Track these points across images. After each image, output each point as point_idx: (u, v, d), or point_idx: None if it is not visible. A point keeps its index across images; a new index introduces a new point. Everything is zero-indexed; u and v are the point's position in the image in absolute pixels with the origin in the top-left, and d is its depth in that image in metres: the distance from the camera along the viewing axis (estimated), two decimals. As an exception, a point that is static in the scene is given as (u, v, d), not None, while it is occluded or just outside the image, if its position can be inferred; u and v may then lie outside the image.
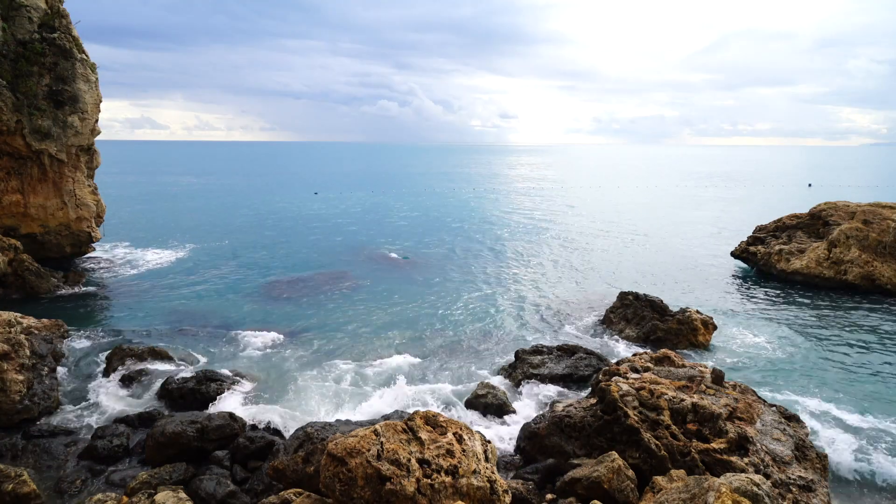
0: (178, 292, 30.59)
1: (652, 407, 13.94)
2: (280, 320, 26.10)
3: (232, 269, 35.98)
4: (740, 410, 14.26)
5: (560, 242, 46.92)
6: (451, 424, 11.27)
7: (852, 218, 33.90)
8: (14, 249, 29.15)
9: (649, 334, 23.17)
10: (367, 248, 43.26)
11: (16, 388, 16.58)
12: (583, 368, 19.45)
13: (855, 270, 31.49)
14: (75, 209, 34.00)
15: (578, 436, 14.33)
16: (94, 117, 33.67)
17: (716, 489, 9.94)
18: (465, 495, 10.18)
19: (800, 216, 38.36)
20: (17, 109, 29.91)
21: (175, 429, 14.39)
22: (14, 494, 12.51)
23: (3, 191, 31.37)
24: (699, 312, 23.67)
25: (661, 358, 17.62)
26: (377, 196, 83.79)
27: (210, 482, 12.90)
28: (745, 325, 25.95)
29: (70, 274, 31.11)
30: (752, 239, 38.95)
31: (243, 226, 53.95)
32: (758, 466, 12.52)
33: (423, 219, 60.72)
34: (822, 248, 33.52)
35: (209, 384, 18.08)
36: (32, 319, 20.07)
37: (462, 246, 45.00)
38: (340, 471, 10.04)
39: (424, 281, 33.65)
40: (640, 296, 24.81)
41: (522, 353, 20.67)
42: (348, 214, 63.61)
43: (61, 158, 32.45)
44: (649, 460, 12.98)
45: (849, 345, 23.59)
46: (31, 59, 30.57)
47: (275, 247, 43.63)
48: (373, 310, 27.87)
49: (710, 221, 59.81)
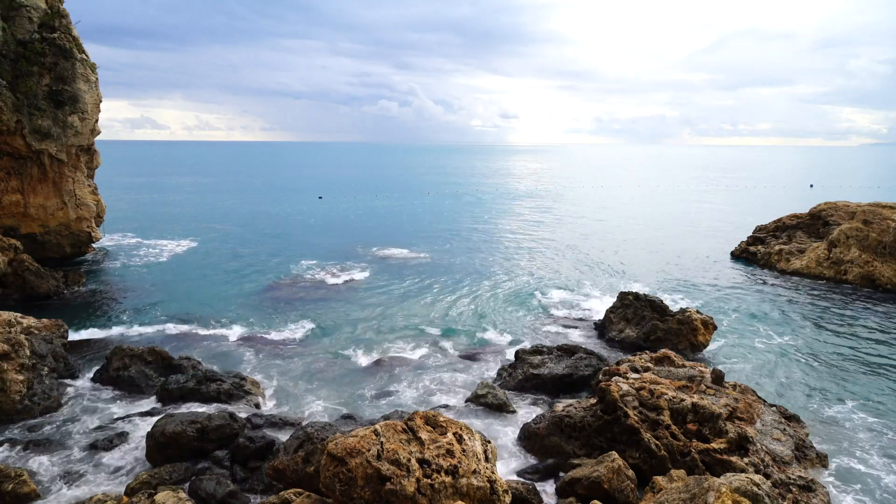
0: (178, 292, 30.57)
1: (652, 407, 13.94)
2: (280, 319, 26.08)
3: (232, 269, 35.98)
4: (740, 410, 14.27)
5: (560, 242, 46.93)
6: (451, 424, 11.27)
7: (852, 218, 33.91)
8: (14, 249, 29.15)
9: (649, 334, 23.16)
10: (367, 248, 43.25)
11: (16, 387, 16.58)
12: (583, 368, 19.44)
13: (855, 270, 31.50)
14: (75, 209, 34.00)
15: (578, 436, 14.33)
16: (94, 117, 33.68)
17: (716, 489, 9.95)
18: (465, 495, 10.18)
19: (800, 216, 38.39)
20: (17, 109, 29.92)
21: (175, 429, 14.38)
22: (14, 494, 12.51)
23: (3, 191, 31.37)
24: (699, 312, 23.66)
25: (661, 358, 17.63)
26: (378, 196, 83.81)
27: (210, 482, 12.89)
28: (745, 324, 25.94)
29: (70, 274, 31.09)
30: (752, 239, 38.97)
31: (244, 226, 53.94)
32: (758, 466, 12.53)
33: (424, 218, 60.71)
34: (822, 248, 33.52)
35: (209, 384, 18.07)
36: (32, 319, 20.06)
37: (462, 246, 45.02)
38: (340, 471, 10.04)
39: (424, 280, 33.64)
40: (640, 296, 24.80)
41: (522, 353, 20.66)
42: (349, 215, 63.62)
43: (61, 158, 32.46)
44: (649, 460, 12.98)
45: (849, 344, 23.59)
46: (31, 59, 30.57)
47: (275, 247, 43.62)
48: (373, 310, 27.87)
49: (711, 221, 59.82)
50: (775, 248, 35.81)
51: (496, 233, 51.74)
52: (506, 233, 51.82)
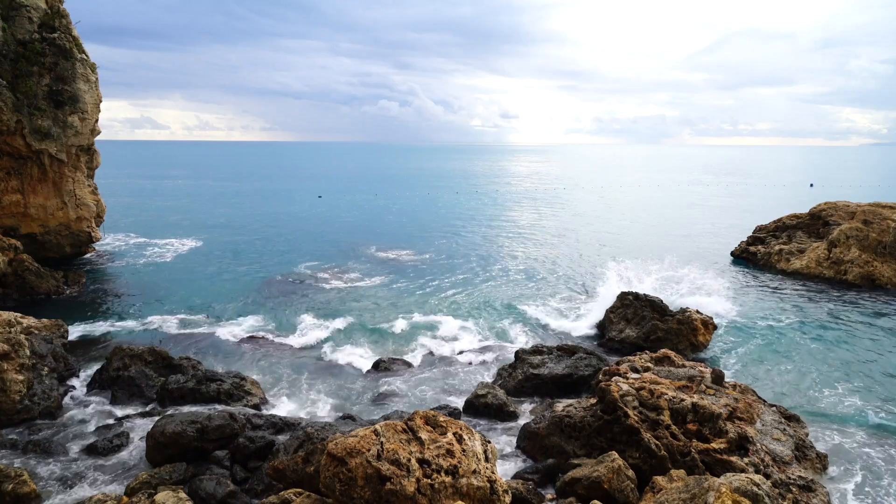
0: (178, 292, 30.57)
1: (652, 407, 13.94)
2: (280, 320, 26.09)
3: (232, 269, 35.99)
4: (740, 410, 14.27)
5: (560, 242, 46.93)
6: (451, 424, 11.27)
7: (852, 218, 33.90)
8: (14, 249, 29.15)
9: (649, 334, 23.16)
10: (367, 248, 43.25)
11: (16, 388, 16.58)
12: (583, 368, 19.44)
13: (855, 270, 31.48)
14: (75, 209, 34.00)
15: (578, 436, 14.33)
16: (94, 117, 33.67)
17: (716, 489, 9.95)
18: (465, 495, 10.18)
19: (800, 216, 38.37)
20: (17, 109, 29.91)
21: (175, 429, 14.37)
22: (14, 494, 12.51)
23: (3, 191, 31.36)
24: (699, 312, 23.66)
25: (661, 358, 17.63)
26: (377, 196, 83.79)
27: (210, 482, 12.89)
28: (745, 324, 25.95)
29: (70, 274, 31.09)
30: (752, 239, 38.97)
31: (244, 226, 53.93)
32: (758, 466, 12.53)
33: (424, 218, 60.71)
34: (823, 248, 33.51)
35: (209, 384, 18.07)
36: (32, 319, 20.06)
37: (462, 245, 45.03)
38: (340, 471, 10.04)
39: (424, 280, 33.65)
40: (640, 296, 24.79)
41: (522, 353, 20.67)
42: (349, 215, 63.61)
43: (61, 158, 32.45)
44: (649, 460, 12.98)
45: (849, 344, 23.59)
46: (31, 59, 30.57)
47: (275, 247, 43.62)
48: (373, 310, 27.88)
49: (710, 221, 59.81)
50: (775, 248, 35.80)
51: (496, 233, 51.75)
52: (505, 233, 51.82)
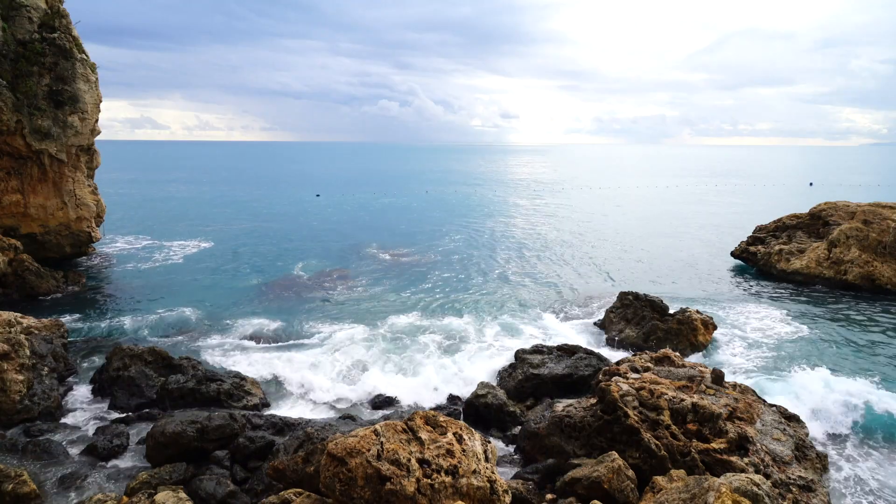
0: (178, 292, 30.57)
1: (652, 407, 13.94)
2: (281, 319, 26.07)
3: (232, 269, 35.99)
4: (740, 410, 14.26)
5: (560, 242, 46.91)
6: (451, 424, 11.27)
7: (852, 218, 33.89)
8: (14, 249, 29.15)
9: (649, 334, 23.16)
10: (367, 248, 43.24)
11: (16, 388, 16.58)
12: (583, 368, 19.44)
13: (855, 270, 31.47)
14: (75, 209, 34.00)
15: (578, 436, 14.32)
16: (94, 117, 33.67)
17: (716, 489, 9.95)
18: (465, 495, 10.18)
19: (800, 216, 38.33)
20: (17, 109, 29.91)
21: (175, 429, 14.38)
22: (14, 494, 12.51)
23: (3, 191, 31.37)
24: (699, 312, 23.67)
25: (661, 358, 17.62)
26: (377, 195, 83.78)
27: (210, 482, 12.90)
28: (745, 325, 25.93)
29: (70, 274, 31.09)
30: (752, 239, 38.94)
31: (244, 226, 53.94)
32: (758, 466, 12.52)
33: (424, 218, 60.70)
34: (823, 248, 33.50)
35: (209, 384, 18.08)
36: (32, 319, 20.06)
37: (461, 245, 45.02)
38: (340, 471, 10.04)
39: (424, 280, 33.64)
40: (640, 296, 24.80)
41: (522, 353, 20.66)
42: (349, 215, 63.62)
43: (61, 158, 32.45)
44: (649, 460, 12.98)
45: (849, 345, 23.59)
46: (31, 59, 30.57)
47: (274, 247, 43.62)
48: (373, 310, 27.87)
49: (710, 221, 59.81)
50: (775, 247, 35.79)
51: (496, 233, 51.74)
52: (505, 233, 51.81)
